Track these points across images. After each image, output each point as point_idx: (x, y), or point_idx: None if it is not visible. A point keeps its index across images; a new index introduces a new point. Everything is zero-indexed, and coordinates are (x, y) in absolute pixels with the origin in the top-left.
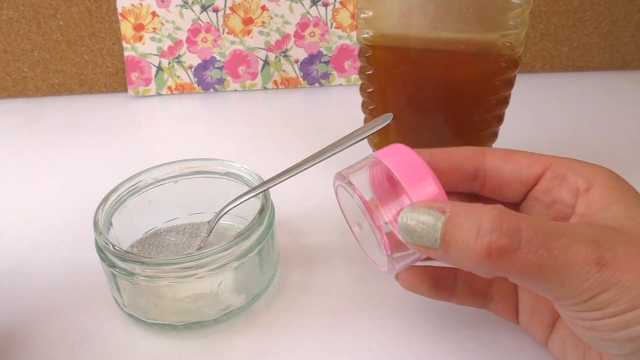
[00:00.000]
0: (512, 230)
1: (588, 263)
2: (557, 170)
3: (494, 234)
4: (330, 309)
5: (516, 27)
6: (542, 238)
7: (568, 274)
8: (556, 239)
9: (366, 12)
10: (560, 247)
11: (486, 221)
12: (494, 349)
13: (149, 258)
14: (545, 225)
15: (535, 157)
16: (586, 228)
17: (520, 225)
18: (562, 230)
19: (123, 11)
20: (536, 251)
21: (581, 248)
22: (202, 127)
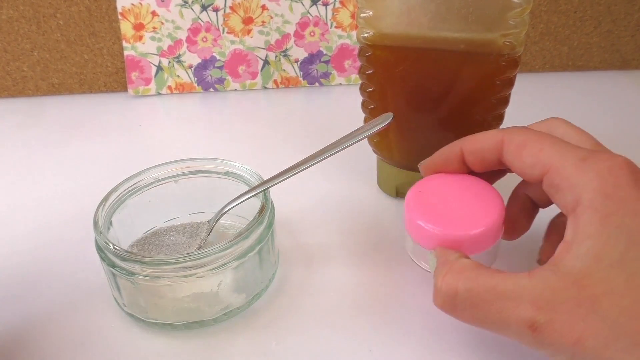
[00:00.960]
0: (450, 294)
1: (521, 325)
2: (552, 180)
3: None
4: (330, 308)
5: (516, 27)
6: (477, 300)
7: (506, 331)
8: (491, 302)
9: (366, 11)
10: (495, 309)
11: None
12: (493, 348)
13: (149, 257)
14: (485, 286)
15: (539, 157)
16: (533, 286)
17: (458, 289)
18: (503, 291)
19: (123, 10)
20: (470, 311)
21: (516, 311)
22: (202, 127)
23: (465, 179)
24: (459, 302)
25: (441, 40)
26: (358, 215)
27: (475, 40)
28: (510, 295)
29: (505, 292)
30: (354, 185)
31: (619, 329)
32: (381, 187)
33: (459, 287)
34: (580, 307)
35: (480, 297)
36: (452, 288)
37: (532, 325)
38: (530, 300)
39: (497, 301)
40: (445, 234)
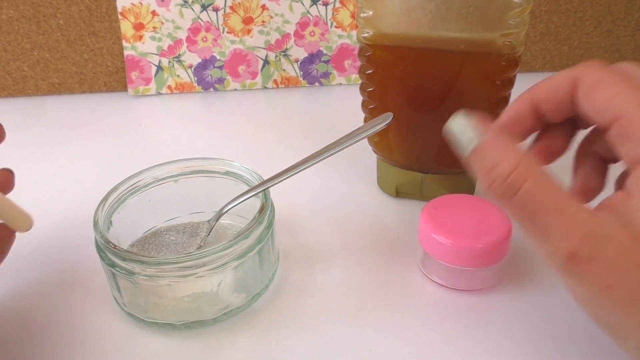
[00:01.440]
0: (513, 184)
1: (561, 249)
2: (623, 128)
3: (496, 180)
4: (330, 308)
5: (516, 27)
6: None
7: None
8: (547, 212)
9: (366, 11)
10: (545, 221)
11: (500, 168)
12: (494, 349)
13: (149, 257)
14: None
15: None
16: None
17: (525, 184)
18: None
19: (123, 10)
20: (522, 209)
21: (564, 232)
22: (202, 127)
23: (474, 200)
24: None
25: (441, 40)
26: (358, 215)
27: (475, 40)
28: (569, 216)
29: (566, 212)
30: (354, 185)
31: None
32: (381, 187)
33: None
34: (627, 260)
35: (542, 203)
36: (519, 180)
37: (571, 253)
38: (583, 231)
39: (554, 214)
40: (456, 246)
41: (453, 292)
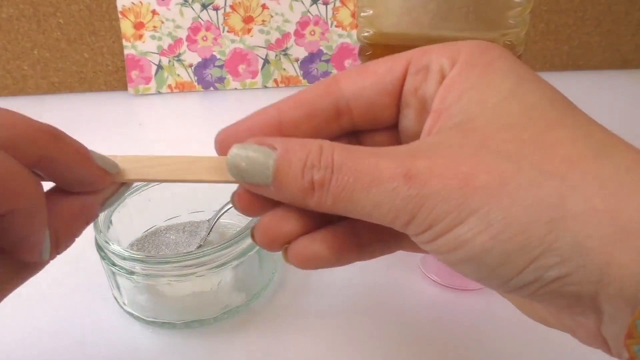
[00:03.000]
0: (327, 163)
1: (394, 178)
2: (419, 61)
3: (314, 168)
4: (330, 308)
5: (517, 26)
6: (352, 163)
7: (378, 194)
8: (364, 160)
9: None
10: (367, 167)
11: (311, 157)
12: (493, 349)
13: (148, 256)
14: (359, 151)
15: (395, 57)
16: (410, 146)
17: (334, 155)
18: (376, 152)
19: (123, 9)
20: (343, 177)
21: (390, 164)
22: (202, 126)
23: None
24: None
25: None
26: None
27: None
28: (386, 152)
29: (382, 152)
30: None
31: (522, 160)
32: None
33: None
34: (466, 148)
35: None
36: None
37: (406, 174)
38: (407, 152)
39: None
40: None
41: (453, 292)
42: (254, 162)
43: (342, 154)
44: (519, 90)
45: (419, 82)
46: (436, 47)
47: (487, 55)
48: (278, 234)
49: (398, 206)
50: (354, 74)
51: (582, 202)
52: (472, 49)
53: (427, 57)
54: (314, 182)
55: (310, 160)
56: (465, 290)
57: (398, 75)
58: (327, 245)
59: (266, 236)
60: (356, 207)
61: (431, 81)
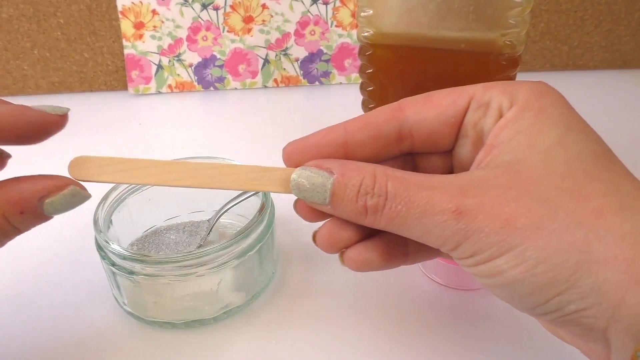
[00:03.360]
0: (380, 191)
1: (445, 212)
2: (481, 98)
3: (368, 195)
4: (330, 307)
5: (517, 26)
6: (405, 194)
7: (429, 224)
8: (418, 193)
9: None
10: (419, 200)
11: (365, 183)
12: (493, 348)
13: (148, 256)
14: (412, 181)
15: (458, 91)
16: (460, 178)
17: (388, 185)
18: (428, 183)
19: (123, 9)
20: (397, 206)
21: (441, 199)
22: (202, 126)
23: None
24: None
25: (441, 40)
26: None
27: (476, 40)
28: (438, 185)
29: (434, 184)
30: None
31: (559, 209)
32: None
33: (389, 184)
34: (512, 190)
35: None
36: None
37: (457, 209)
38: (457, 188)
39: (424, 192)
40: None
41: (453, 292)
42: (314, 184)
43: (395, 183)
44: (565, 139)
45: (478, 117)
46: (498, 84)
47: (542, 101)
48: (337, 240)
49: (447, 235)
50: (420, 103)
51: (604, 250)
52: (530, 92)
53: (489, 94)
54: (367, 207)
55: (364, 187)
56: (465, 290)
57: (461, 108)
58: (378, 253)
59: (326, 241)
60: (408, 231)
61: (490, 117)
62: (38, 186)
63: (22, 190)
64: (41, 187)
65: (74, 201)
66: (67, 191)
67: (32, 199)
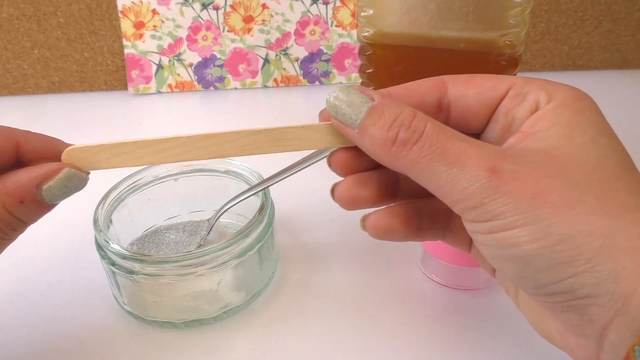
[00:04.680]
0: (417, 128)
1: (480, 167)
2: (521, 88)
3: (402, 127)
4: (330, 307)
5: (517, 26)
6: (443, 138)
7: (458, 173)
8: (455, 142)
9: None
10: (456, 148)
11: (404, 115)
12: (493, 349)
13: (148, 256)
14: (451, 131)
15: (500, 78)
16: (496, 147)
17: (427, 124)
18: (467, 138)
19: (123, 9)
20: (430, 147)
21: (479, 154)
22: (202, 125)
23: None
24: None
25: (441, 40)
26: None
27: (476, 40)
28: (477, 142)
29: (473, 140)
30: None
31: (588, 194)
32: None
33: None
34: (548, 168)
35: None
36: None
37: (492, 168)
38: (495, 151)
39: (462, 142)
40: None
41: (453, 291)
42: (351, 101)
43: (435, 126)
44: (598, 140)
45: (513, 105)
46: (538, 81)
47: (579, 103)
48: (355, 196)
49: (472, 191)
50: (462, 80)
51: (627, 240)
52: (569, 93)
53: (529, 87)
54: (397, 138)
55: (401, 118)
56: (465, 290)
57: (499, 94)
58: (400, 221)
59: (344, 196)
60: (430, 176)
61: (524, 107)
62: (33, 173)
63: (19, 179)
64: (37, 174)
65: (72, 184)
66: (62, 174)
67: (30, 187)
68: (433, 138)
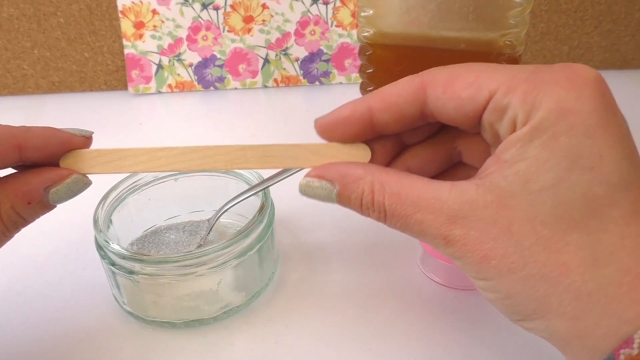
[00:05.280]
0: (380, 208)
1: (436, 237)
2: (500, 101)
3: (369, 209)
4: (330, 307)
5: (517, 26)
6: (402, 214)
7: (425, 239)
8: (413, 215)
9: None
10: (414, 223)
11: (365, 198)
12: (493, 349)
13: (148, 256)
14: (408, 199)
15: (478, 83)
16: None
17: (385, 202)
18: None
19: (123, 9)
20: (395, 224)
21: (433, 224)
22: (202, 125)
23: None
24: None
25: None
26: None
27: (476, 40)
28: (430, 207)
29: (427, 205)
30: None
31: (529, 257)
32: None
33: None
34: (495, 227)
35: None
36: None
37: (445, 238)
38: (447, 214)
39: (417, 214)
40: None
41: (452, 291)
42: (321, 195)
43: (391, 201)
44: (563, 181)
45: (493, 120)
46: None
47: (560, 124)
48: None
49: (439, 250)
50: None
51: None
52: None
53: (509, 98)
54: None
55: (365, 204)
56: (465, 290)
57: (479, 107)
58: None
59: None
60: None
61: (504, 126)
62: (43, 177)
63: (29, 181)
64: (46, 178)
65: (76, 188)
66: (70, 179)
67: (38, 189)
68: (394, 216)
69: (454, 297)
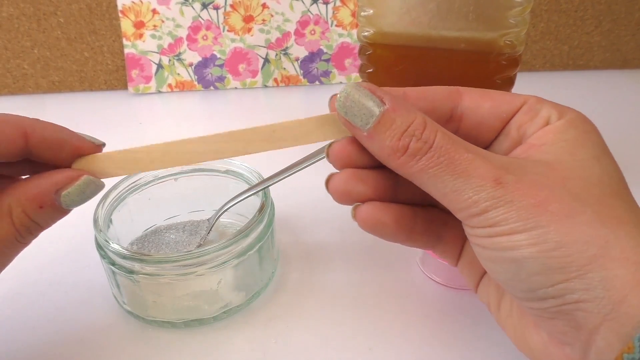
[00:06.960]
0: (428, 138)
1: (485, 178)
2: (534, 105)
3: (414, 137)
4: (330, 306)
5: (517, 26)
6: (451, 149)
7: (464, 183)
8: (463, 152)
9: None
10: (463, 160)
11: (415, 125)
12: (493, 348)
13: (148, 255)
14: (459, 141)
15: (514, 95)
16: (503, 157)
17: (437, 135)
18: (474, 149)
19: (123, 8)
20: (438, 158)
21: (485, 165)
22: (202, 125)
23: None
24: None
25: (441, 39)
26: None
27: (476, 39)
28: (484, 153)
29: (480, 151)
30: None
31: (587, 206)
32: None
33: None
34: (549, 180)
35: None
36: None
37: (497, 179)
38: (500, 162)
39: (469, 154)
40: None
41: (452, 291)
42: (362, 104)
43: (444, 136)
44: (600, 159)
45: (525, 120)
46: (550, 102)
47: (586, 125)
48: (350, 191)
49: (477, 199)
50: (477, 93)
51: (620, 251)
52: (577, 115)
53: (541, 104)
54: (408, 148)
55: (412, 128)
56: (465, 290)
57: (513, 108)
58: (392, 218)
59: (340, 189)
60: (435, 184)
61: (535, 123)
62: (53, 179)
63: (39, 184)
64: (57, 180)
65: (89, 190)
66: (81, 181)
67: (49, 192)
68: (442, 149)
69: (454, 297)
